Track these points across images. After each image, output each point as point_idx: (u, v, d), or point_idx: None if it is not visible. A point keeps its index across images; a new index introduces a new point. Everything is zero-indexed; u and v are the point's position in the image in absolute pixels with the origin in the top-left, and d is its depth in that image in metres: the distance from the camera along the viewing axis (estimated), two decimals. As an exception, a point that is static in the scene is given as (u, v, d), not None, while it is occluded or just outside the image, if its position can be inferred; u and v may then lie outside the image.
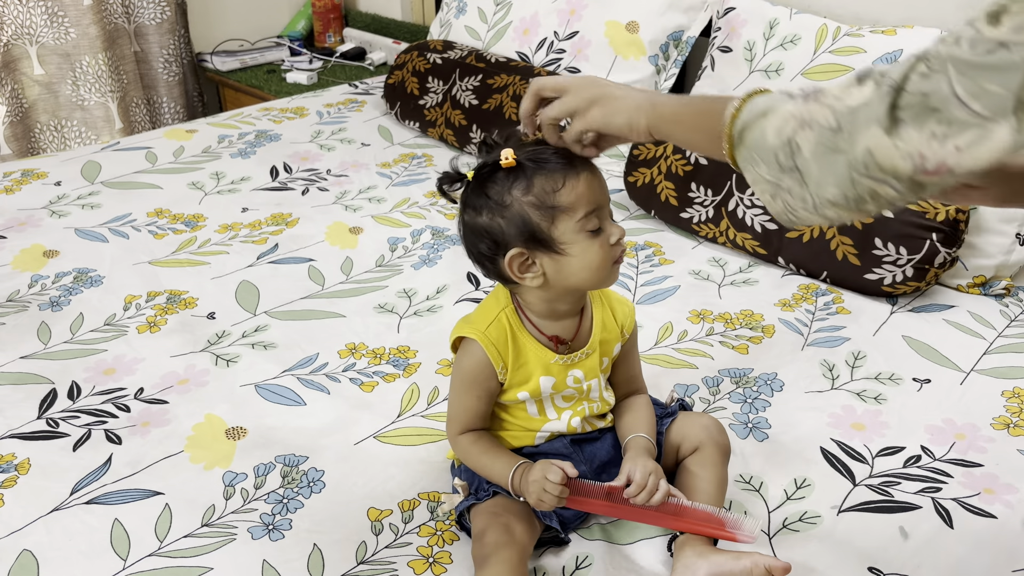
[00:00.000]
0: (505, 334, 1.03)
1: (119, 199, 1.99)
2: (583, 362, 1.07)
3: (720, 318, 1.54)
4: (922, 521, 1.10)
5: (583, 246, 0.96)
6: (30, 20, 2.66)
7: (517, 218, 0.96)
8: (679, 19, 2.12)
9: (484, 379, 1.04)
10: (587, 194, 0.96)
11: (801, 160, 0.75)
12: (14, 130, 2.73)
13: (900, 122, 0.68)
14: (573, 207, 0.95)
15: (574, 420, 1.08)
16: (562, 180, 0.95)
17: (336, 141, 2.32)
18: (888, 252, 1.56)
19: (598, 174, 0.99)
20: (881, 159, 0.69)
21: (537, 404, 1.08)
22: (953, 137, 0.65)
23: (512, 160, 0.96)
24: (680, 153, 1.85)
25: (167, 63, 2.99)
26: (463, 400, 1.06)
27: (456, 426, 1.07)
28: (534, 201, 0.95)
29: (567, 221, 0.95)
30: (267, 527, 1.11)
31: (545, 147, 0.98)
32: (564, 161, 0.96)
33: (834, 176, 0.73)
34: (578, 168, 0.97)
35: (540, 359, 1.04)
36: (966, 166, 0.67)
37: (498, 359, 1.03)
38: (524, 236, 0.96)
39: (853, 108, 0.72)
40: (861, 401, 1.33)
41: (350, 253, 1.77)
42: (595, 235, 0.97)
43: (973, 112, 0.63)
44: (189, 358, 1.44)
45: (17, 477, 1.19)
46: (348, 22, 3.32)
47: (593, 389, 1.09)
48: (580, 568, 1.04)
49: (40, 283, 1.66)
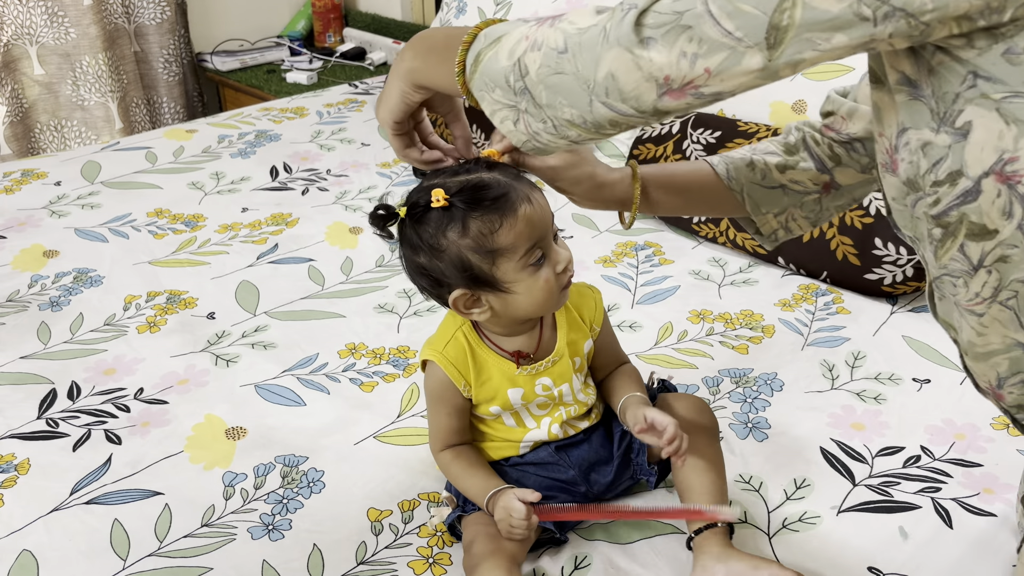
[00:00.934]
0: (464, 352, 1.02)
1: (119, 199, 1.99)
2: (550, 370, 1.05)
3: (720, 318, 1.54)
4: (922, 521, 1.10)
5: (527, 283, 0.94)
6: (30, 20, 2.66)
7: (456, 260, 0.92)
8: (679, 19, 2.12)
9: (449, 397, 1.04)
10: (526, 230, 0.91)
11: (529, 81, 0.72)
12: (14, 130, 2.73)
13: (648, 41, 0.65)
14: (513, 246, 0.91)
15: (554, 427, 1.07)
16: (499, 220, 0.90)
17: (336, 141, 2.32)
18: (888, 252, 1.56)
19: (537, 200, 0.93)
20: (624, 84, 0.67)
21: (513, 416, 1.07)
22: (704, 57, 0.63)
23: (443, 201, 0.90)
24: (680, 153, 1.85)
25: (167, 63, 2.99)
26: (437, 418, 1.07)
27: (436, 443, 1.08)
28: (471, 244, 0.91)
29: (508, 261, 0.92)
30: (267, 527, 1.11)
31: (477, 180, 0.91)
32: (498, 195, 0.91)
33: (567, 98, 0.70)
34: (514, 201, 0.91)
35: (504, 372, 1.03)
36: (714, 88, 0.65)
37: (458, 377, 1.02)
38: (465, 278, 0.93)
39: (583, 29, 0.69)
40: (861, 401, 1.33)
41: (350, 253, 1.77)
42: (539, 267, 0.94)
43: (726, 31, 0.61)
44: (189, 358, 1.44)
45: (17, 477, 1.19)
46: (348, 22, 3.32)
47: (566, 394, 1.06)
48: (579, 568, 1.04)
49: (40, 283, 1.66)
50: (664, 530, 1.09)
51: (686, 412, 1.09)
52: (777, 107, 1.84)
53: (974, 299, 0.73)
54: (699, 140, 1.83)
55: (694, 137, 1.85)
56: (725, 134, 1.82)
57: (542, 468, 1.08)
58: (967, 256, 0.70)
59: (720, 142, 1.81)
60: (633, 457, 1.10)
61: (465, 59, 0.78)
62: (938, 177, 0.67)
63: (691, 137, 1.85)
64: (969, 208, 0.67)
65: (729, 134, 1.81)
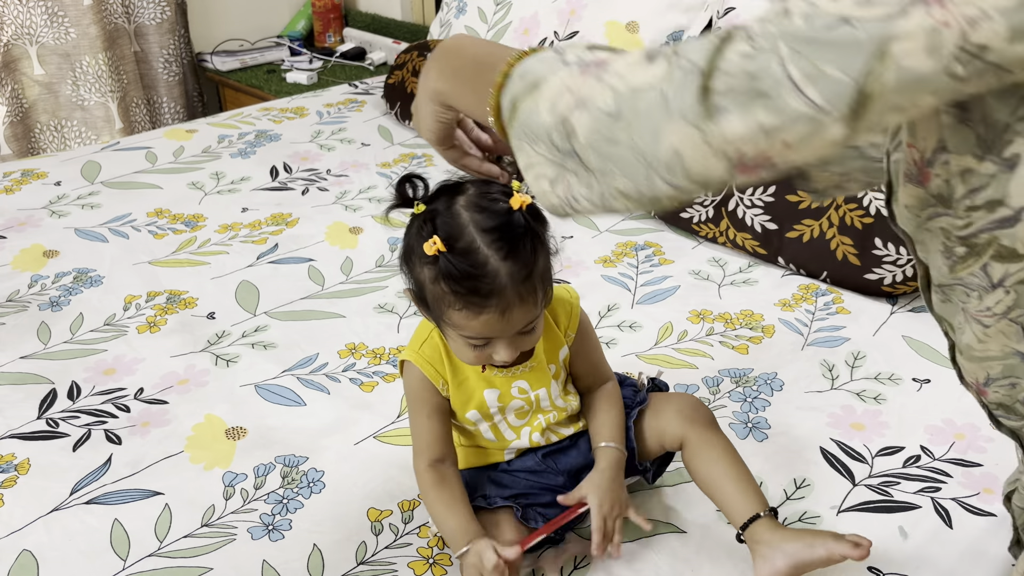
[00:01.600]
0: (439, 351, 1.02)
1: (119, 199, 1.99)
2: (527, 374, 1.03)
3: (720, 318, 1.54)
4: (921, 521, 1.11)
5: (458, 345, 0.95)
6: (30, 20, 2.66)
7: (419, 286, 0.93)
8: (679, 19, 2.12)
9: (428, 396, 1.02)
10: (478, 328, 0.90)
11: (578, 145, 0.64)
12: (14, 130, 2.73)
13: (718, 112, 0.57)
14: (460, 328, 0.91)
15: (534, 435, 1.06)
16: (461, 306, 0.89)
17: (336, 141, 2.32)
18: (888, 252, 1.56)
19: (513, 312, 0.89)
20: (690, 162, 0.59)
21: (491, 427, 1.05)
22: (783, 131, 0.55)
23: (434, 251, 0.87)
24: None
25: (167, 63, 2.99)
26: (418, 422, 1.04)
27: (421, 457, 1.02)
28: (431, 295, 0.91)
29: (451, 330, 0.93)
30: (267, 527, 1.11)
31: (477, 259, 0.87)
32: (477, 290, 0.87)
33: (621, 168, 0.63)
34: (487, 305, 0.88)
35: (478, 372, 1.02)
36: (789, 160, 0.57)
37: (436, 376, 1.01)
38: (418, 299, 0.95)
39: (636, 89, 0.61)
40: (861, 401, 1.33)
41: (350, 253, 1.77)
42: (476, 347, 0.94)
43: (808, 100, 0.54)
44: (189, 358, 1.44)
45: (17, 477, 1.19)
46: (348, 22, 3.32)
47: (543, 399, 1.05)
48: (578, 568, 1.04)
49: (40, 283, 1.66)
50: (664, 529, 1.09)
51: (680, 411, 1.08)
52: (777, 107, 1.84)
53: (984, 312, 0.70)
54: (699, 140, 1.83)
55: (694, 137, 1.84)
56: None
57: (531, 474, 1.07)
58: (988, 275, 0.67)
59: (720, 142, 1.81)
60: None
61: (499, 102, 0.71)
62: (974, 203, 0.63)
63: (691, 137, 1.85)
64: (1003, 233, 0.63)
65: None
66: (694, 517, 1.11)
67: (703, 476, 1.04)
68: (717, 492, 1.03)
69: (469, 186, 0.92)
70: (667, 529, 1.09)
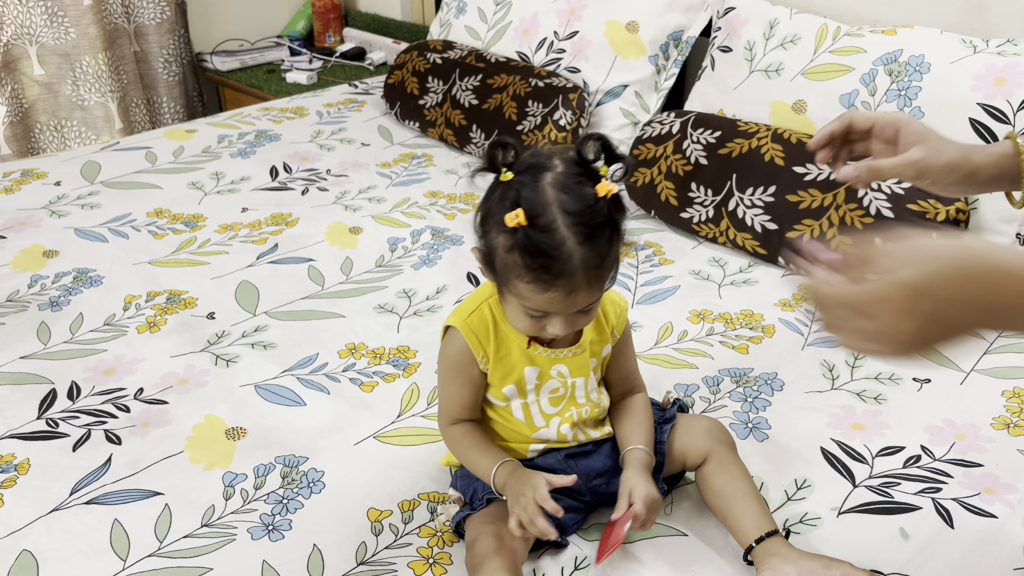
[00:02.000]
0: (487, 324, 1.03)
1: (119, 199, 1.99)
2: (569, 359, 1.06)
3: (720, 318, 1.54)
4: (922, 521, 1.10)
5: (514, 311, 0.98)
6: (30, 20, 2.66)
7: (490, 250, 0.95)
8: (679, 19, 2.12)
9: (465, 366, 1.04)
10: (541, 303, 0.93)
11: None
12: (14, 130, 2.73)
13: None
14: (523, 298, 0.94)
15: (563, 427, 1.07)
16: (529, 279, 0.90)
17: (336, 141, 2.32)
18: (888, 252, 1.56)
19: (578, 295, 0.91)
20: None
21: (523, 406, 1.06)
22: None
23: (515, 223, 0.89)
24: (680, 153, 1.85)
25: (167, 63, 2.99)
26: (448, 388, 1.06)
27: (446, 417, 1.07)
28: (503, 264, 0.93)
29: (514, 297, 0.95)
30: (267, 527, 1.11)
31: (559, 240, 0.88)
32: (548, 268, 0.89)
33: None
34: (555, 284, 0.90)
35: (523, 349, 1.04)
36: None
37: (478, 347, 1.03)
38: (486, 260, 0.97)
39: None
40: (861, 401, 1.33)
41: (350, 253, 1.77)
42: (531, 317, 0.96)
43: None
44: (189, 358, 1.44)
45: (17, 477, 1.19)
46: (348, 22, 3.32)
47: (578, 387, 1.07)
48: (579, 569, 1.04)
49: (40, 283, 1.66)
50: (665, 531, 1.09)
51: (708, 430, 1.11)
52: (777, 107, 1.84)
53: None
54: (699, 140, 1.83)
55: (694, 137, 1.85)
56: (725, 134, 1.82)
57: (551, 472, 1.07)
58: None
59: (720, 142, 1.81)
60: None
61: None
62: None
63: (691, 137, 1.85)
64: None
65: (729, 134, 1.81)
66: (695, 520, 1.11)
67: (721, 491, 1.06)
68: (733, 507, 1.05)
69: (558, 163, 0.92)
70: (668, 532, 1.09)
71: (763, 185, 1.71)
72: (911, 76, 1.68)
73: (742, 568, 1.03)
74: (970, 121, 1.58)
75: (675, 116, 1.92)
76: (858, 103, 1.73)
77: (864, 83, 1.73)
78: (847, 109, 1.74)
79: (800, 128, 1.79)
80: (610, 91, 2.14)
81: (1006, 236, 1.59)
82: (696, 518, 1.11)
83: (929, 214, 1.54)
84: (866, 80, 1.73)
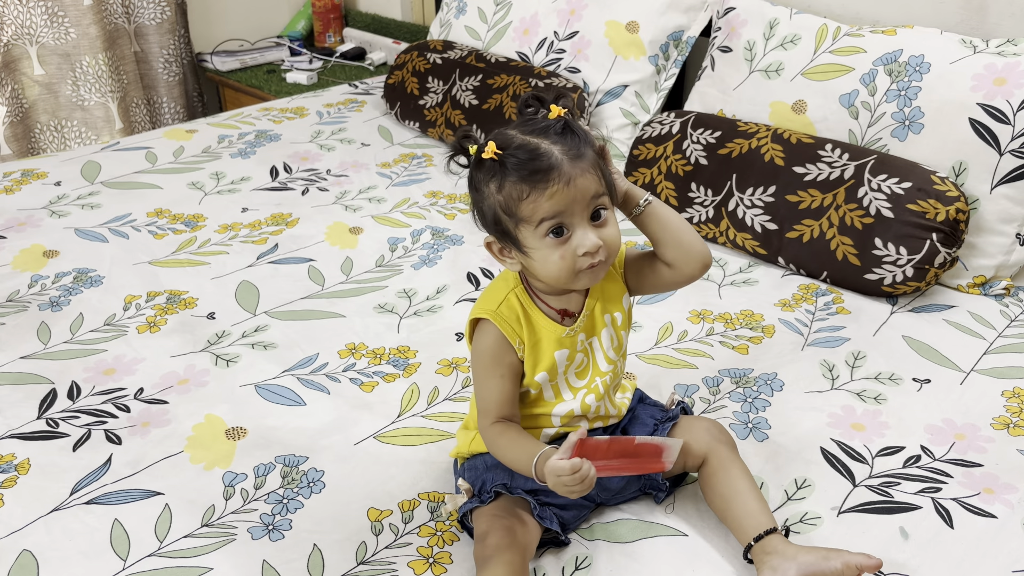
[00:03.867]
0: (516, 312, 1.03)
1: (119, 199, 1.99)
2: (584, 325, 1.06)
3: (720, 318, 1.54)
4: (922, 521, 1.10)
5: (544, 252, 0.96)
6: (30, 20, 2.66)
7: (490, 211, 0.98)
8: (679, 19, 2.12)
9: (503, 354, 1.03)
10: (548, 206, 0.94)
11: None
12: (14, 130, 2.73)
13: None
14: (531, 218, 0.95)
15: (588, 397, 1.07)
16: (527, 191, 0.94)
17: (336, 141, 2.32)
18: (888, 252, 1.56)
19: (576, 182, 0.94)
20: None
21: (553, 386, 1.07)
22: None
23: (491, 154, 0.95)
24: (680, 153, 1.85)
25: (167, 63, 2.99)
26: (488, 384, 1.04)
27: (486, 417, 1.04)
28: (502, 202, 0.96)
29: (528, 228, 0.96)
30: (267, 527, 1.11)
31: (535, 146, 0.95)
32: (538, 169, 0.93)
33: None
34: (550, 179, 0.93)
35: (552, 334, 1.04)
36: None
37: (513, 335, 1.02)
38: (495, 229, 0.99)
39: None
40: (861, 401, 1.33)
41: (350, 253, 1.77)
42: (559, 241, 0.96)
43: None
44: (189, 358, 1.44)
45: (17, 477, 1.19)
46: (348, 22, 3.32)
47: (597, 350, 1.07)
48: (580, 568, 1.04)
49: (40, 283, 1.66)
50: (665, 531, 1.09)
51: (709, 430, 1.12)
52: (777, 107, 1.84)
53: None
54: (699, 140, 1.83)
55: (694, 137, 1.85)
56: (725, 134, 1.82)
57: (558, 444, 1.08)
58: None
59: (720, 142, 1.81)
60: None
61: None
62: None
63: (691, 137, 1.85)
64: None
65: (729, 134, 1.81)
66: (695, 520, 1.11)
67: (721, 490, 1.07)
68: (733, 506, 1.05)
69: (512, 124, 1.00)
70: (668, 531, 1.09)
71: (763, 185, 1.71)
72: (911, 76, 1.68)
73: (742, 568, 1.03)
74: (970, 121, 1.59)
75: (675, 116, 1.92)
76: (858, 103, 1.73)
77: (864, 83, 1.73)
78: (847, 109, 1.74)
79: (800, 128, 1.79)
80: (610, 91, 2.14)
81: (1006, 236, 1.59)
82: (696, 518, 1.11)
83: (929, 214, 1.54)
84: (866, 80, 1.73)
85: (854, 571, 0.97)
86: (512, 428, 1.04)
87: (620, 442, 0.99)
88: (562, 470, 0.92)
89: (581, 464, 0.92)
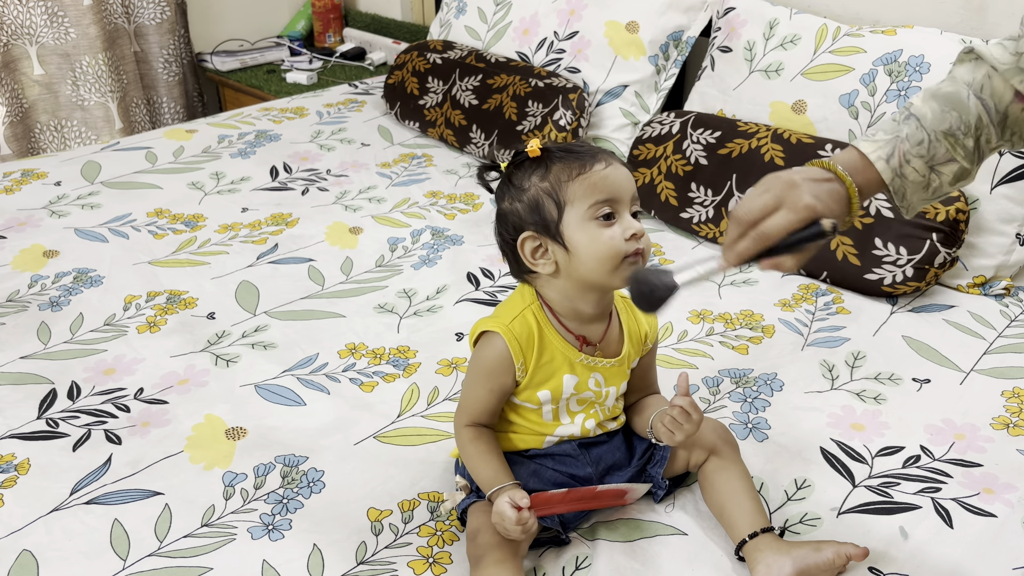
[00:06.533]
0: (530, 330, 1.02)
1: (119, 199, 1.99)
2: (608, 368, 1.06)
3: (720, 318, 1.54)
4: (922, 521, 1.10)
5: (591, 235, 0.96)
6: (30, 20, 2.66)
7: (532, 202, 0.99)
8: (679, 19, 2.12)
9: (501, 372, 1.02)
10: (599, 184, 0.97)
11: None
12: (14, 130, 2.73)
13: None
14: (582, 196, 0.96)
15: (588, 422, 1.08)
16: (577, 169, 0.97)
17: (336, 141, 2.32)
18: (888, 252, 1.56)
19: (618, 168, 0.99)
20: None
21: (553, 410, 1.07)
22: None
23: (537, 150, 0.99)
24: (680, 153, 1.85)
25: (167, 63, 2.99)
26: (476, 391, 1.04)
27: (464, 416, 1.06)
28: (548, 188, 0.98)
29: (576, 209, 0.97)
30: (267, 527, 1.11)
31: (574, 141, 1.00)
32: (584, 151, 0.99)
33: None
34: (596, 160, 0.98)
35: (566, 356, 1.03)
36: None
37: (519, 355, 1.01)
38: (536, 221, 0.98)
39: None
40: (861, 401, 1.33)
41: (350, 253, 1.77)
42: (607, 225, 0.96)
43: None
44: (189, 358, 1.44)
45: (17, 477, 1.19)
46: (348, 22, 3.32)
47: (611, 396, 1.09)
48: (580, 568, 1.04)
49: (40, 283, 1.66)
50: (665, 531, 1.09)
51: (714, 430, 1.13)
52: (777, 107, 1.84)
53: None
54: (699, 140, 1.83)
55: (694, 137, 1.85)
56: (725, 134, 1.82)
57: (560, 462, 1.08)
58: None
59: (720, 142, 1.81)
60: (649, 468, 1.12)
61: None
62: None
63: (691, 137, 1.85)
64: None
65: (729, 134, 1.81)
66: (695, 520, 1.11)
67: (719, 488, 1.08)
68: (729, 504, 1.06)
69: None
70: (668, 531, 1.09)
71: None
72: (911, 76, 1.68)
73: (742, 567, 1.04)
74: (970, 121, 1.58)
75: (675, 116, 1.92)
76: (858, 103, 1.73)
77: (864, 83, 1.73)
78: (847, 109, 1.74)
79: (800, 128, 1.79)
80: (610, 91, 2.14)
81: (1006, 236, 1.59)
82: (696, 518, 1.11)
83: (929, 214, 1.54)
84: (866, 80, 1.73)
85: (844, 560, 0.99)
86: (484, 438, 1.05)
87: (580, 491, 1.02)
88: (507, 518, 0.95)
89: (528, 518, 0.95)
